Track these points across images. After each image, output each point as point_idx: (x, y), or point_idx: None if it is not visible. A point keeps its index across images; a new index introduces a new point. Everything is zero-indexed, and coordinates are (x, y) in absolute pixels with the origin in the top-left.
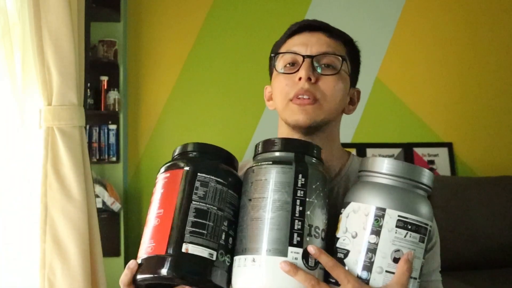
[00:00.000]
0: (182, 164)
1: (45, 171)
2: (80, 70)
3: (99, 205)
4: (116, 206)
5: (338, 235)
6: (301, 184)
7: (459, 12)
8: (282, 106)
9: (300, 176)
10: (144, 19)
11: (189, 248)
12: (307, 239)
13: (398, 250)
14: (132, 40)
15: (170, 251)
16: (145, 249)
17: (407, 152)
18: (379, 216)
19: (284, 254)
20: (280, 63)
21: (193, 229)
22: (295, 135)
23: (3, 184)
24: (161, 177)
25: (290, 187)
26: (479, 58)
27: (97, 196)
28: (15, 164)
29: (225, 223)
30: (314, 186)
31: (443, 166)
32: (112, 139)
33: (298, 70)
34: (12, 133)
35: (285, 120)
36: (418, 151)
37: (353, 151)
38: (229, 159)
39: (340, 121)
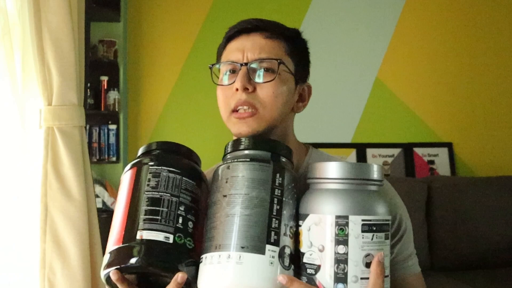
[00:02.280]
0: (136, 163)
1: (45, 171)
2: (80, 70)
3: (99, 205)
4: None
5: (302, 249)
6: (278, 183)
7: (459, 12)
8: (225, 117)
9: (277, 175)
10: (144, 19)
11: (143, 234)
12: (283, 238)
13: (368, 254)
14: (132, 40)
15: (127, 240)
16: (107, 247)
17: (407, 152)
18: (343, 224)
19: (262, 251)
20: (221, 72)
21: (147, 216)
22: None
23: (3, 184)
24: (121, 179)
25: (268, 184)
26: (479, 58)
27: (97, 196)
28: (15, 164)
29: (182, 208)
30: (289, 187)
31: (443, 166)
32: (112, 139)
33: (235, 80)
34: (12, 133)
35: (230, 130)
36: (418, 151)
37: (353, 151)
38: (187, 154)
39: (292, 120)
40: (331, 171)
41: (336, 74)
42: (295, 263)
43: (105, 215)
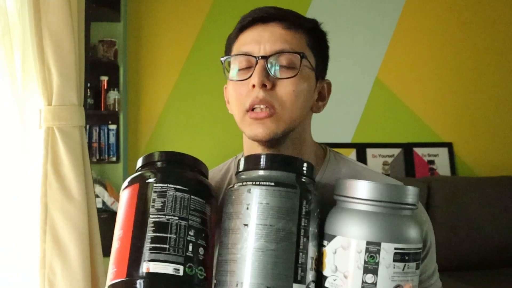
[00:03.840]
0: (138, 178)
1: (45, 171)
2: (80, 70)
3: (99, 205)
4: (116, 206)
5: (325, 273)
6: (305, 211)
7: (459, 12)
8: (239, 117)
9: (305, 202)
10: (144, 19)
11: (150, 267)
12: (308, 273)
13: (398, 286)
14: (132, 40)
15: (131, 274)
16: (108, 277)
17: (407, 152)
18: (374, 252)
19: None
20: (233, 65)
21: (153, 245)
22: (259, 148)
23: (3, 184)
24: (121, 196)
25: (295, 214)
26: (479, 58)
27: (97, 196)
28: (15, 164)
29: (191, 233)
30: (315, 214)
31: (443, 166)
32: (112, 139)
33: (251, 75)
34: (12, 133)
35: (244, 132)
36: (418, 151)
37: (353, 151)
38: (192, 164)
39: (310, 120)
40: (365, 191)
41: (336, 74)
42: (316, 285)
43: (105, 215)
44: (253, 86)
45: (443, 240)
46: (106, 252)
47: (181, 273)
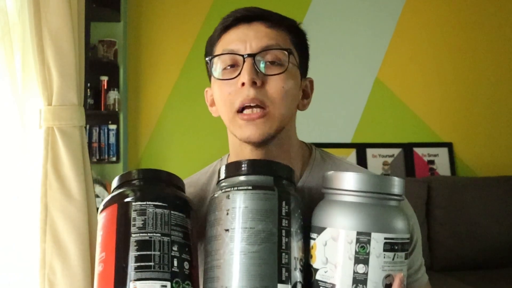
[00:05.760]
0: (115, 198)
1: (45, 171)
2: (80, 70)
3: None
4: None
5: (316, 265)
6: (285, 212)
7: (459, 12)
8: (228, 118)
9: (284, 203)
10: (144, 19)
11: (137, 286)
12: (294, 274)
13: (389, 275)
14: (132, 40)
15: None
16: None
17: (407, 152)
18: (365, 242)
19: None
20: (218, 66)
21: (138, 264)
22: (247, 148)
23: (3, 184)
24: (100, 218)
25: (275, 215)
26: (479, 58)
27: (97, 196)
28: (15, 164)
29: (175, 248)
30: (296, 214)
31: (443, 166)
32: (112, 139)
33: (239, 73)
34: (12, 133)
35: (234, 134)
36: (418, 151)
37: (353, 151)
38: (168, 180)
39: (295, 118)
40: (353, 182)
41: (336, 74)
42: (305, 280)
43: None
44: (242, 84)
45: (443, 240)
46: None
47: None
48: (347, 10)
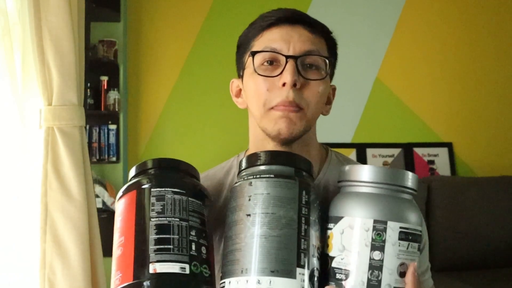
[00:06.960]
0: (134, 185)
1: (45, 171)
2: (80, 70)
3: (99, 205)
4: None
5: (332, 253)
6: (305, 201)
7: (459, 12)
8: (260, 113)
9: (304, 192)
10: (144, 19)
11: (157, 267)
12: (312, 260)
13: (403, 264)
14: (132, 40)
15: (138, 276)
16: (114, 283)
17: (407, 152)
18: (381, 230)
19: (292, 275)
20: (256, 60)
21: (158, 246)
22: (270, 143)
23: (3, 184)
24: (118, 205)
25: (295, 203)
26: (479, 58)
27: (97, 196)
28: (15, 164)
29: (193, 233)
30: (315, 204)
31: (443, 166)
32: (112, 139)
33: (281, 72)
34: (12, 133)
35: (264, 128)
36: (418, 151)
37: (353, 151)
38: (185, 169)
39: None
40: (370, 174)
41: (336, 74)
42: (322, 268)
43: (105, 215)
44: (283, 84)
45: (443, 240)
46: (106, 252)
47: (187, 271)
48: (347, 10)
